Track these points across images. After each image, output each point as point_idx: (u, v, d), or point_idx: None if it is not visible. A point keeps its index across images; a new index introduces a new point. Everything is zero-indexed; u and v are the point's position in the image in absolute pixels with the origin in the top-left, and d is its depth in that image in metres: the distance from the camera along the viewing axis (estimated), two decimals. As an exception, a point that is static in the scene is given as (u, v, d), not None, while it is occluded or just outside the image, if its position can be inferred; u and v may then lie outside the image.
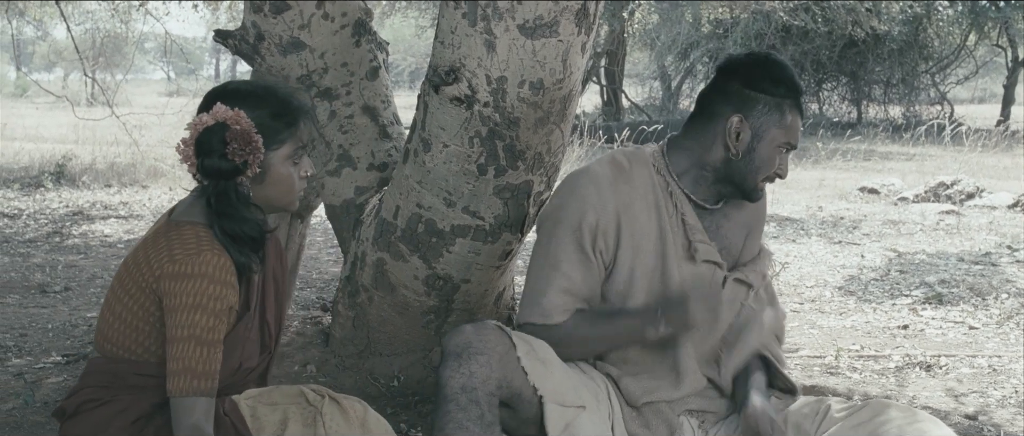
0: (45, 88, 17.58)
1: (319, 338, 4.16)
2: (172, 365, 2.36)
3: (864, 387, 4.26)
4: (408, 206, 3.54)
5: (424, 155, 3.43)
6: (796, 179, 12.54)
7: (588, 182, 2.88)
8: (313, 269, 6.81)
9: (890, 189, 11.48)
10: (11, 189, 11.01)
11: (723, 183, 2.93)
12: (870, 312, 5.70)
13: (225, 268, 2.38)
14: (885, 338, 5.13)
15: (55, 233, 8.32)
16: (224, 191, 2.43)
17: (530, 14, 3.11)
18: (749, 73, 2.86)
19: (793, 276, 6.72)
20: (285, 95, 2.52)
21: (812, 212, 9.99)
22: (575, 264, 2.87)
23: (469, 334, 2.68)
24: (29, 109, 27.49)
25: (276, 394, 2.65)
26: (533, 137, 3.32)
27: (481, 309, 3.76)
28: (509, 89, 3.20)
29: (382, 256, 3.65)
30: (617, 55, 23.71)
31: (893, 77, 25.05)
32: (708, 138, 2.90)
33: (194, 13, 14.46)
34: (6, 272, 6.57)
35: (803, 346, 4.94)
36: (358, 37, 4.02)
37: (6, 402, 3.76)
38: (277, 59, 3.94)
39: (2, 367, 4.24)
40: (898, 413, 2.76)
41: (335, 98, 3.98)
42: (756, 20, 21.90)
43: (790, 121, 2.85)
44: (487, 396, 2.63)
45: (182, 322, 2.35)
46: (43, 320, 5.15)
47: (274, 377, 3.71)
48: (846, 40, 22.43)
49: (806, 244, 8.12)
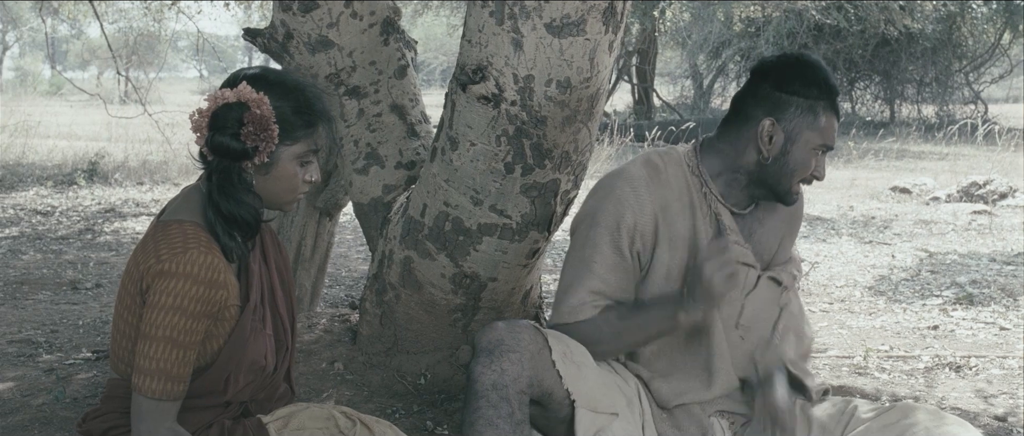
0: (78, 86, 17.64)
1: (347, 336, 4.17)
2: (143, 363, 2.29)
3: (892, 388, 4.23)
4: (435, 204, 3.54)
5: (451, 153, 3.43)
6: (828, 178, 12.43)
7: (625, 184, 2.86)
8: (342, 267, 6.83)
9: (922, 189, 11.40)
10: (44, 186, 11.10)
11: (756, 186, 2.91)
12: (900, 312, 5.67)
13: (211, 267, 2.30)
14: (915, 339, 5.10)
15: (87, 230, 8.38)
16: (227, 172, 2.37)
17: (557, 13, 3.11)
18: (781, 75, 2.83)
19: (823, 276, 6.69)
20: (311, 95, 2.46)
21: (843, 212, 9.94)
22: (610, 266, 2.84)
23: (502, 331, 2.66)
24: (63, 107, 27.66)
25: (305, 417, 2.60)
26: (560, 136, 3.32)
27: (508, 307, 3.76)
28: (536, 88, 3.20)
29: (409, 254, 3.66)
30: (648, 54, 23.68)
31: (926, 76, 24.87)
32: (741, 142, 2.88)
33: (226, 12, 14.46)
34: (38, 269, 6.62)
35: (832, 346, 4.92)
36: (386, 36, 4.02)
37: (36, 397, 3.79)
38: (306, 57, 3.95)
39: (33, 363, 4.27)
40: (925, 415, 2.74)
41: (363, 96, 3.99)
42: (788, 18, 21.78)
43: (824, 123, 2.82)
44: (518, 394, 2.61)
45: (159, 321, 2.28)
46: (74, 316, 5.18)
47: (301, 374, 3.74)
48: (879, 39, 22.29)
49: (837, 244, 8.08)
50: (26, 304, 5.53)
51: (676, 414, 2.93)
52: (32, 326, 4.94)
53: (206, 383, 2.44)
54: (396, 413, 3.63)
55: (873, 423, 2.76)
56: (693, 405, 2.94)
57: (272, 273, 2.61)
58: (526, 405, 2.64)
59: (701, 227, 2.88)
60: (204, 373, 2.43)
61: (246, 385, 2.50)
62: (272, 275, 2.61)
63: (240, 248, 2.42)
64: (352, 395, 3.71)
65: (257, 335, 2.48)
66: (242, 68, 2.47)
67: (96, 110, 19.19)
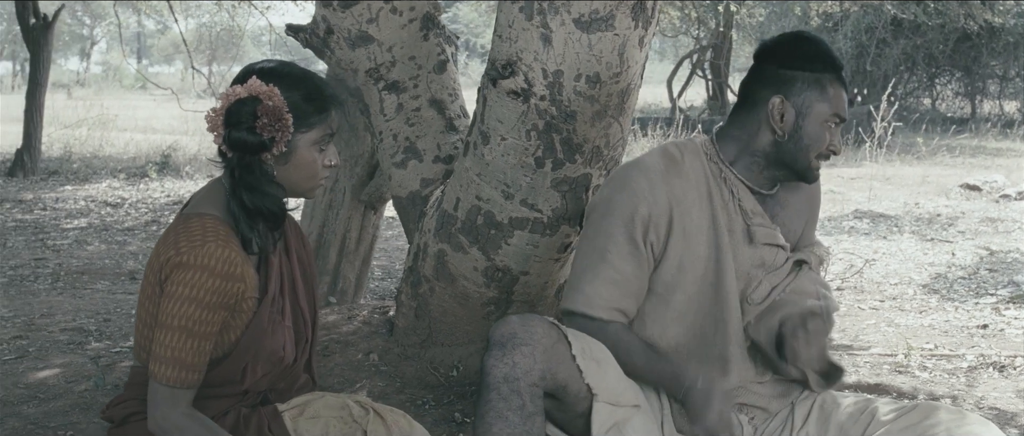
0: (153, 82, 18.01)
1: (384, 328, 4.22)
2: (159, 350, 2.35)
3: (931, 386, 4.18)
4: (468, 198, 3.57)
5: (483, 148, 3.46)
6: (898, 175, 12.34)
7: (640, 174, 2.86)
8: (396, 259, 6.89)
9: (992, 186, 11.19)
10: (117, 179, 11.33)
11: (776, 167, 2.90)
12: (951, 310, 5.59)
13: (228, 260, 2.35)
14: (962, 337, 5.03)
15: (153, 222, 8.54)
16: (248, 165, 2.42)
17: (586, 8, 3.13)
18: (783, 53, 2.84)
19: (878, 273, 6.62)
20: (320, 82, 2.52)
21: (908, 209, 9.80)
22: (625, 256, 2.84)
23: (515, 325, 2.67)
24: (147, 101, 28.18)
25: (319, 406, 2.64)
26: (591, 130, 3.33)
27: (541, 301, 3.78)
28: (565, 83, 3.22)
29: (443, 247, 3.70)
30: (722, 49, 23.50)
31: (1009, 71, 24.42)
32: (753, 125, 2.88)
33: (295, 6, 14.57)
34: (101, 259, 6.77)
35: (875, 344, 4.87)
36: (426, 31, 4.06)
37: (80, 384, 3.89)
38: (346, 53, 4.00)
39: (81, 350, 4.38)
40: (947, 415, 2.70)
41: (402, 91, 4.03)
42: (866, 14, 21.52)
43: (832, 93, 2.81)
44: (529, 386, 2.62)
45: (175, 311, 2.33)
46: (128, 306, 5.30)
47: (337, 365, 3.79)
48: (959, 33, 21.93)
49: (897, 241, 7.99)
50: (84, 293, 5.67)
51: (693, 408, 2.93)
52: (86, 315, 5.06)
53: (223, 373, 2.49)
54: (426, 404, 3.67)
55: (893, 424, 2.72)
56: (711, 399, 2.93)
57: (293, 265, 2.65)
58: (539, 398, 2.65)
59: (720, 216, 2.86)
60: (222, 363, 2.48)
61: (264, 375, 2.54)
62: (293, 267, 2.65)
63: (262, 240, 2.48)
64: (385, 386, 3.76)
65: (276, 326, 2.53)
66: (250, 64, 2.53)
67: (176, 105, 19.55)
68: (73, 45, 52.06)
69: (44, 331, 4.77)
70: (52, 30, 12.05)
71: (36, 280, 6.12)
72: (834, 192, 10.81)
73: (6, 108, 19.29)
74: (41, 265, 6.61)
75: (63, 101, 21.36)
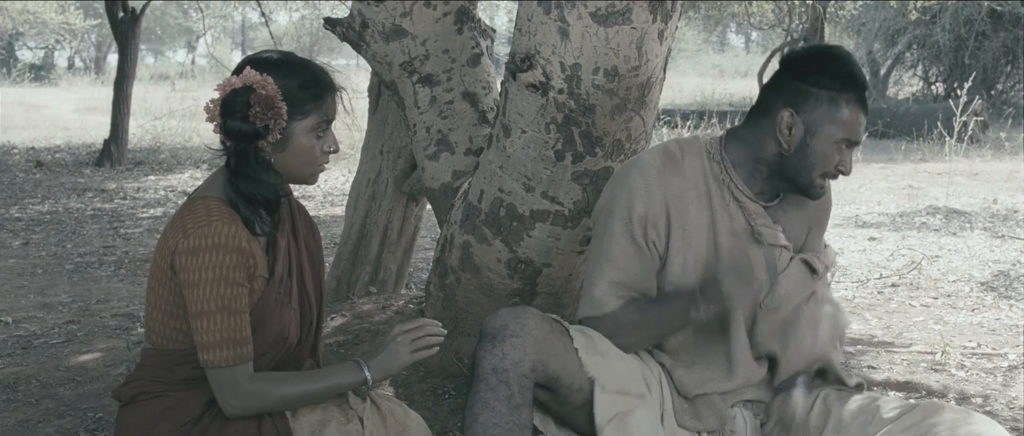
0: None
1: (414, 317, 4.26)
2: (205, 338, 2.41)
3: (964, 385, 4.11)
4: (491, 190, 3.61)
5: (504, 141, 3.49)
6: (986, 171, 12.08)
7: (636, 172, 2.86)
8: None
9: (1081, 184, 10.91)
10: (199, 169, 11.55)
11: (778, 178, 2.86)
12: (1005, 309, 5.48)
13: (235, 236, 2.42)
14: (1009, 336, 4.93)
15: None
16: (244, 153, 2.48)
17: (602, 2, 3.14)
18: (802, 66, 2.78)
19: (938, 270, 6.50)
20: (317, 70, 2.57)
21: (986, 205, 9.58)
22: (629, 256, 2.85)
23: (505, 317, 2.70)
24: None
25: None
26: (610, 124, 3.34)
27: (566, 293, 3.80)
28: (583, 76, 3.24)
29: (468, 239, 3.74)
30: (815, 41, 23.21)
31: (1111, 65, 23.72)
32: (762, 132, 2.84)
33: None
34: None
35: (917, 341, 4.80)
36: (460, 24, 4.10)
37: (117, 368, 4.00)
38: (380, 46, 4.06)
39: (126, 335, 4.49)
40: (952, 414, 2.66)
41: (436, 84, 4.07)
42: (965, 6, 21.09)
43: (847, 116, 2.74)
44: (519, 378, 2.64)
45: (206, 296, 2.41)
46: (181, 294, 5.40)
47: (364, 353, 3.85)
48: (1061, 26, 21.37)
49: (965, 238, 7.82)
50: (143, 280, 5.80)
51: (697, 403, 2.92)
52: (140, 301, 5.19)
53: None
54: (446, 393, 3.71)
55: (896, 423, 2.69)
56: (714, 395, 2.92)
57: (301, 249, 2.71)
58: (528, 389, 2.67)
59: (720, 217, 2.86)
60: None
61: (267, 354, 2.60)
62: (301, 251, 2.71)
63: (264, 222, 2.54)
64: (408, 375, 3.81)
65: (283, 308, 2.60)
66: (249, 55, 2.61)
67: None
68: (179, 38, 52.94)
69: (96, 317, 4.91)
70: (139, 24, 12.35)
71: (100, 267, 6.29)
72: (913, 187, 10.63)
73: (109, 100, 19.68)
74: (108, 253, 6.79)
75: (166, 93, 21.72)
